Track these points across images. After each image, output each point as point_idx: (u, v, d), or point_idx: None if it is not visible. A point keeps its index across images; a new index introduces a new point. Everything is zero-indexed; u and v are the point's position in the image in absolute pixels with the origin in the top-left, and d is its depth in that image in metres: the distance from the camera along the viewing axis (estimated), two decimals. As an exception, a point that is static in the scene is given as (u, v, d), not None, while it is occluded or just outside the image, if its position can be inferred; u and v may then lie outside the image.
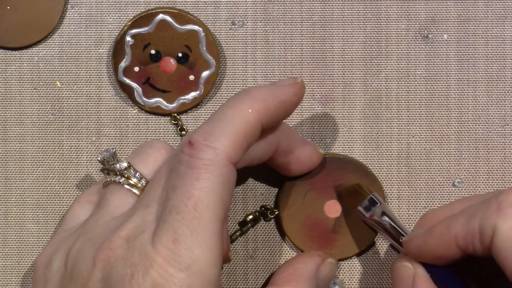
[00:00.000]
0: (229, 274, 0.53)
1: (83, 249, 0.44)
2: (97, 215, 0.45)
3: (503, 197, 0.43)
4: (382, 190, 0.52)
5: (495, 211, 0.42)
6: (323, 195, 0.51)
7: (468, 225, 0.43)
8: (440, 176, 0.52)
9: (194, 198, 0.41)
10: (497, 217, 0.42)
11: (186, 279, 0.41)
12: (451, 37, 0.53)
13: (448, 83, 0.53)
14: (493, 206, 0.43)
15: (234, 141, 0.43)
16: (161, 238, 0.41)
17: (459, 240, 0.43)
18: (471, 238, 0.43)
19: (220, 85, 0.53)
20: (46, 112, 0.53)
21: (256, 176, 0.53)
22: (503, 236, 0.42)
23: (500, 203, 0.42)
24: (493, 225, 0.42)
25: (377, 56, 0.53)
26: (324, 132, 0.53)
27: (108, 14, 0.53)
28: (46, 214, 0.53)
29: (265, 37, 0.53)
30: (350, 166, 0.52)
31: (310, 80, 0.53)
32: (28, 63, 0.53)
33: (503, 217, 0.42)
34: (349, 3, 0.53)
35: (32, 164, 0.53)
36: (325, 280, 0.49)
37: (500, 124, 0.52)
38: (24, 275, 0.53)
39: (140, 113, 0.53)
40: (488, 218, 0.42)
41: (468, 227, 0.43)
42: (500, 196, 0.43)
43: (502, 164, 0.52)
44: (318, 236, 0.51)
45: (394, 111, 0.53)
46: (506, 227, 0.42)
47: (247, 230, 0.52)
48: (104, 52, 0.53)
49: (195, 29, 0.52)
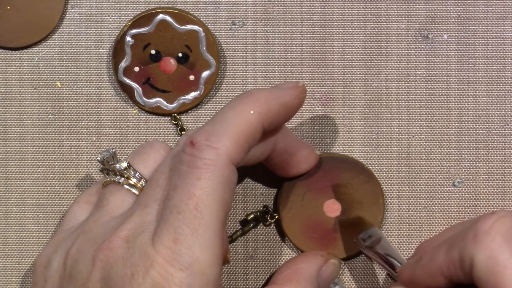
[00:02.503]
0: (229, 274, 0.53)
1: (82, 249, 0.44)
2: (96, 215, 0.45)
3: (479, 225, 0.42)
4: (380, 186, 0.52)
5: (472, 240, 0.42)
6: (321, 195, 0.51)
7: (449, 256, 0.43)
8: (440, 176, 0.52)
9: (195, 197, 0.41)
10: (474, 246, 0.42)
11: (187, 279, 0.41)
12: (451, 37, 0.53)
13: (448, 83, 0.53)
14: (470, 235, 0.42)
15: (235, 141, 0.43)
16: (161, 238, 0.41)
17: (443, 270, 0.44)
18: (454, 268, 0.43)
19: (220, 85, 0.53)
20: (46, 112, 0.53)
21: (256, 176, 0.53)
22: (481, 266, 0.42)
23: (476, 232, 0.42)
24: (471, 255, 0.42)
25: (377, 56, 0.53)
26: (324, 132, 0.53)
27: (108, 14, 0.53)
28: (46, 214, 0.53)
29: (265, 37, 0.53)
30: (346, 164, 0.52)
31: (310, 80, 0.53)
32: (28, 63, 0.53)
33: (480, 246, 0.42)
34: (349, 3, 0.53)
35: (32, 164, 0.53)
36: (326, 281, 0.49)
37: (500, 124, 0.52)
38: (24, 275, 0.53)
39: (140, 113, 0.53)
40: (466, 248, 0.42)
41: (449, 258, 0.43)
42: (476, 225, 0.43)
43: (502, 164, 0.52)
44: (320, 237, 0.51)
45: (394, 111, 0.53)
46: (483, 256, 0.42)
47: (248, 230, 0.52)
48: (104, 52, 0.53)
49: (195, 29, 0.52)
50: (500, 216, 0.42)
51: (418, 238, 0.52)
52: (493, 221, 0.42)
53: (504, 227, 0.42)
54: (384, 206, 0.52)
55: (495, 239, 0.42)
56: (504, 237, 0.42)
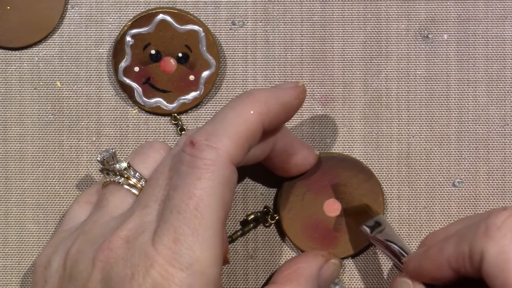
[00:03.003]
0: (229, 274, 0.53)
1: (82, 249, 0.44)
2: (96, 215, 0.45)
3: (491, 220, 0.42)
4: (379, 184, 0.52)
5: (483, 234, 0.42)
6: (321, 195, 0.51)
7: (458, 248, 0.43)
8: (440, 176, 0.52)
9: (196, 197, 0.41)
10: (485, 241, 0.42)
11: (187, 279, 0.41)
12: (451, 37, 0.53)
13: (448, 83, 0.53)
14: (481, 229, 0.42)
15: (235, 141, 0.43)
16: (161, 238, 0.41)
17: (451, 263, 0.43)
18: (462, 261, 0.43)
19: (220, 85, 0.53)
20: (46, 112, 0.53)
21: (256, 176, 0.53)
22: (491, 261, 0.41)
23: (488, 226, 0.42)
24: (481, 249, 0.42)
25: (377, 56, 0.53)
26: (324, 132, 0.53)
27: (108, 14, 0.53)
28: (46, 214, 0.53)
29: (265, 37, 0.53)
30: (345, 163, 0.52)
31: (310, 80, 0.53)
32: (28, 63, 0.53)
33: (491, 241, 0.42)
34: (349, 3, 0.53)
35: (32, 164, 0.53)
36: (327, 281, 0.49)
37: (500, 124, 0.52)
38: (24, 275, 0.53)
39: (140, 113, 0.53)
40: (477, 242, 0.42)
41: (459, 250, 0.43)
42: (488, 219, 0.42)
43: (502, 164, 0.52)
44: (321, 237, 0.51)
45: (394, 111, 0.53)
46: (494, 251, 0.41)
47: (248, 230, 0.52)
48: (104, 52, 0.53)
49: (195, 29, 0.52)
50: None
51: (418, 238, 0.52)
52: (506, 217, 0.42)
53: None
54: (384, 205, 0.52)
55: (506, 235, 0.41)
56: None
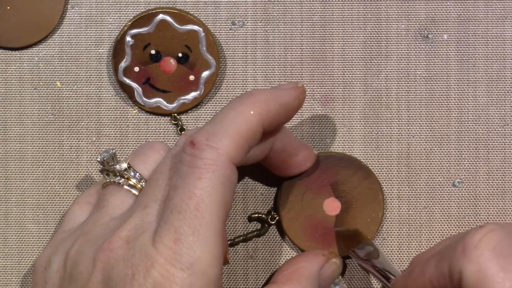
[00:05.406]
0: (229, 274, 0.53)
1: (82, 250, 0.44)
2: (96, 215, 0.45)
3: (468, 239, 0.42)
4: (378, 182, 0.52)
5: (461, 254, 0.42)
6: (320, 194, 0.51)
7: (439, 269, 0.43)
8: (440, 176, 0.52)
9: (196, 197, 0.41)
10: (462, 260, 0.42)
11: (188, 279, 0.41)
12: (451, 37, 0.53)
13: (448, 83, 0.53)
14: (459, 249, 0.42)
15: (235, 141, 0.43)
16: (162, 238, 0.41)
17: (434, 283, 0.44)
18: (443, 281, 0.43)
19: (220, 85, 0.53)
20: (46, 112, 0.53)
21: (256, 176, 0.53)
22: (469, 280, 0.42)
23: (465, 245, 0.42)
24: (459, 269, 0.42)
25: (377, 56, 0.53)
26: (324, 132, 0.53)
27: (108, 14, 0.53)
28: (46, 214, 0.53)
29: (265, 37, 0.53)
30: (344, 162, 0.52)
31: (310, 80, 0.53)
32: (28, 63, 0.53)
33: (468, 261, 0.42)
34: (349, 3, 0.53)
35: (32, 164, 0.53)
36: (327, 280, 0.49)
37: (500, 124, 0.52)
38: (24, 275, 0.53)
39: (140, 113, 0.53)
40: (455, 262, 0.42)
41: (439, 271, 0.43)
42: (465, 238, 0.43)
43: (502, 164, 0.52)
44: (322, 236, 0.51)
45: (394, 111, 0.53)
46: (472, 270, 0.42)
47: (251, 237, 0.52)
48: (104, 52, 0.53)
49: (195, 29, 0.52)
50: (488, 230, 0.42)
51: (418, 238, 0.52)
52: (482, 235, 0.42)
53: (492, 241, 0.42)
54: (384, 202, 0.52)
55: (483, 254, 0.42)
56: (493, 251, 0.42)
